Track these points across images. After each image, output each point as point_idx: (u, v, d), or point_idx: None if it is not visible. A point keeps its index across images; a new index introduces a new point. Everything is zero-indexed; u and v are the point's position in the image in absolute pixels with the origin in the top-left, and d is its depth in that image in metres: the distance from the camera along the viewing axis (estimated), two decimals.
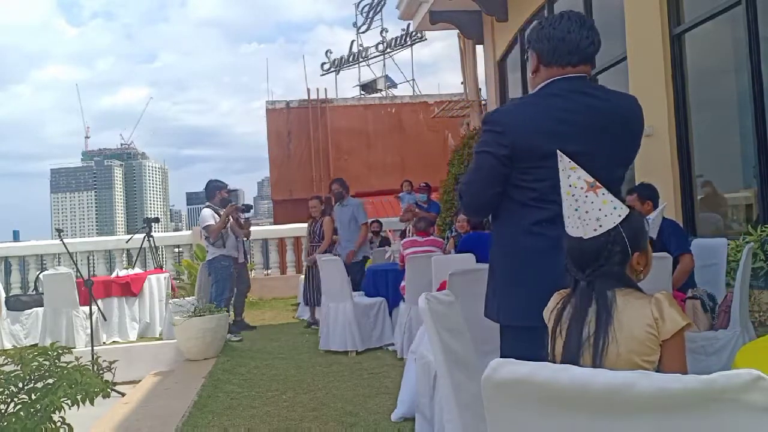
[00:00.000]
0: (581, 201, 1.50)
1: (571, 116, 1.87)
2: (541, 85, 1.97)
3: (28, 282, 10.21)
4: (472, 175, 2.01)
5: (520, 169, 1.89)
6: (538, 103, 1.95)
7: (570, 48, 1.90)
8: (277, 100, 20.85)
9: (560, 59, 1.91)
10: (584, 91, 1.92)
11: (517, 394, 0.99)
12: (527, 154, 1.86)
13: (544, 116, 1.89)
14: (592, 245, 1.46)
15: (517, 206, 1.93)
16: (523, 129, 1.88)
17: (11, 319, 7.38)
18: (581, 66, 1.93)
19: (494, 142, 1.90)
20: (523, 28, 8.30)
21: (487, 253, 2.12)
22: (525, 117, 1.92)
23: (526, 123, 1.89)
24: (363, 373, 5.04)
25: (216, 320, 5.91)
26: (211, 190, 7.26)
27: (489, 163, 1.92)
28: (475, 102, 10.72)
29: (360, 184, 19.34)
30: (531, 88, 2.05)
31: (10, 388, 2.31)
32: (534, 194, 1.89)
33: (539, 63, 1.97)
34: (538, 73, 1.98)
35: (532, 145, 1.85)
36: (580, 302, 1.43)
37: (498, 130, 1.91)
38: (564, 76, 1.92)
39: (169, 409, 4.21)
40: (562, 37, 1.90)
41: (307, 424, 3.80)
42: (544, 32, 1.94)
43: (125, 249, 10.51)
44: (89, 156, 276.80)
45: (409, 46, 22.91)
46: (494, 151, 1.90)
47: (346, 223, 7.36)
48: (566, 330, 1.42)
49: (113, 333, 7.40)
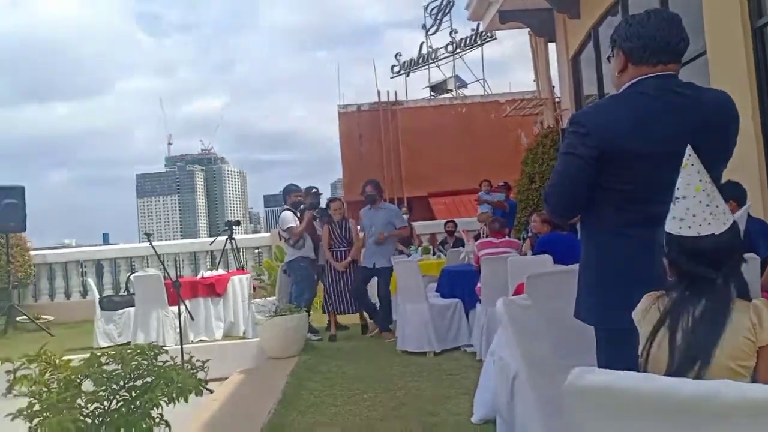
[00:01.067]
0: (714, 195, 1.46)
1: (662, 116, 1.84)
2: (629, 83, 1.93)
3: (120, 283, 10.81)
4: (557, 178, 2.00)
5: (607, 170, 1.86)
6: (626, 102, 1.92)
7: (661, 46, 1.87)
8: (348, 104, 21.14)
9: (651, 57, 1.88)
10: (675, 89, 1.88)
11: (600, 402, 1.00)
12: (615, 155, 1.83)
13: (633, 116, 1.85)
14: (727, 240, 1.43)
15: (606, 208, 1.91)
16: (610, 130, 1.85)
17: (105, 319, 7.76)
18: (671, 64, 1.90)
19: (580, 144, 1.88)
20: (596, 25, 8.10)
21: (565, 254, 2.13)
22: (613, 117, 1.89)
23: (614, 124, 1.86)
24: (442, 374, 5.07)
25: (297, 320, 6.10)
26: (286, 193, 7.53)
27: (575, 165, 1.90)
28: (548, 100, 10.52)
29: (431, 184, 19.37)
30: (616, 87, 2.02)
31: (112, 386, 2.48)
32: (623, 196, 1.86)
33: (627, 61, 1.94)
34: (626, 72, 1.95)
35: (621, 146, 1.82)
36: (705, 303, 1.39)
37: (583, 131, 1.89)
38: (653, 74, 1.89)
39: (256, 407, 4.38)
40: (652, 35, 1.87)
41: (388, 423, 3.87)
42: (632, 30, 1.91)
43: (209, 251, 10.96)
44: (172, 161, 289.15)
45: (479, 46, 22.69)
46: (580, 153, 1.88)
47: (380, 227, 6.95)
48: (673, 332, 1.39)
49: (200, 332, 7.71)
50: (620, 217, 1.88)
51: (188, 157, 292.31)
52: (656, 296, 1.49)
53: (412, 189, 19.70)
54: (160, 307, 7.43)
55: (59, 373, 2.34)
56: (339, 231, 7.17)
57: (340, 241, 7.17)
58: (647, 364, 1.42)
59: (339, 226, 7.19)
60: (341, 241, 7.17)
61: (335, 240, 7.18)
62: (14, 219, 9.39)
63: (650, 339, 1.42)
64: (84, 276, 10.99)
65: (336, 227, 7.20)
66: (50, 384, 2.30)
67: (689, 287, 1.43)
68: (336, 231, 7.18)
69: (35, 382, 2.27)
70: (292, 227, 7.07)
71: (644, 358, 1.43)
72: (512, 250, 5.86)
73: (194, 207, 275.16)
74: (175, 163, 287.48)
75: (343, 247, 7.16)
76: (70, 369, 2.37)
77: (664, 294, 1.49)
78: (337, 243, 7.18)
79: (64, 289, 11.03)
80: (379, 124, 20.20)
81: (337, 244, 7.18)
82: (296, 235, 7.03)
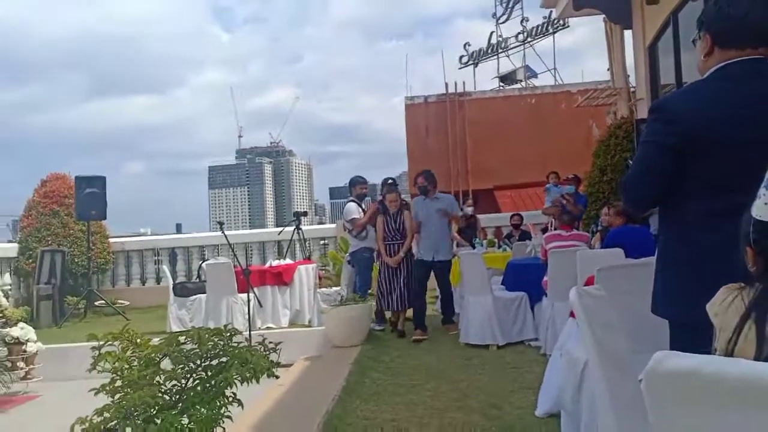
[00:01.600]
0: None
1: (751, 101, 1.76)
2: (715, 68, 1.85)
3: (192, 270, 11.21)
4: (638, 167, 1.93)
5: (691, 158, 1.79)
6: (713, 87, 1.84)
7: (751, 28, 1.79)
8: (415, 96, 21.11)
9: (739, 41, 1.80)
10: (765, 73, 1.80)
11: (683, 388, 0.97)
12: (700, 142, 1.76)
13: (720, 102, 1.78)
14: None
15: (688, 198, 1.84)
16: (696, 116, 1.78)
17: (178, 305, 8.02)
18: (762, 48, 1.80)
19: (663, 132, 1.82)
20: (676, 11, 7.76)
21: (637, 248, 2.07)
22: (698, 103, 1.82)
23: (700, 110, 1.79)
24: (505, 367, 5.02)
25: (360, 309, 6.18)
26: (352, 185, 7.63)
27: (657, 153, 1.84)
28: (622, 89, 10.18)
29: (498, 177, 19.12)
30: (701, 72, 1.93)
31: (189, 365, 2.59)
32: (707, 185, 1.79)
33: (714, 45, 1.86)
34: (712, 56, 1.87)
35: (707, 133, 1.75)
36: None
37: (668, 118, 1.83)
38: (742, 58, 1.81)
39: (320, 393, 4.47)
40: (742, 17, 1.79)
41: (451, 414, 3.87)
42: (722, 12, 1.83)
43: (276, 241, 11.22)
44: (242, 154, 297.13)
45: (551, 35, 22.23)
46: (663, 141, 1.82)
47: (436, 217, 6.72)
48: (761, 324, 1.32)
49: (267, 319, 7.90)
50: (704, 207, 1.80)
51: (258, 150, 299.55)
52: (737, 288, 1.43)
53: (477, 182, 19.52)
54: (230, 294, 7.66)
55: (140, 351, 2.46)
56: (393, 223, 6.89)
57: (394, 234, 6.89)
58: (733, 357, 1.36)
59: (394, 218, 6.90)
60: (395, 234, 6.89)
61: (389, 233, 6.91)
62: (95, 207, 9.86)
63: (737, 331, 1.36)
64: (158, 263, 11.46)
65: (391, 219, 6.92)
66: (131, 361, 2.42)
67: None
68: (390, 223, 6.91)
69: (118, 358, 2.39)
70: (355, 218, 7.16)
71: (730, 351, 1.37)
72: (582, 244, 5.72)
73: (262, 198, 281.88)
74: (245, 155, 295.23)
75: (396, 241, 6.87)
76: (151, 347, 2.48)
77: (745, 286, 1.42)
78: (390, 236, 6.90)
79: (139, 276, 11.54)
80: (445, 115, 20.08)
81: (390, 236, 6.90)
82: (359, 227, 7.11)
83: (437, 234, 6.73)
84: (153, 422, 2.33)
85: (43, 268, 9.81)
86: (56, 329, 8.87)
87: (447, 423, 3.70)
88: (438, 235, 6.72)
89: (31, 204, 10.87)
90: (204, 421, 2.40)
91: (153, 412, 2.36)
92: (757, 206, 1.39)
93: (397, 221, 6.86)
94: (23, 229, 10.75)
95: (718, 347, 1.38)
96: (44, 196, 10.83)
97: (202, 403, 2.51)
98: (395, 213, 6.90)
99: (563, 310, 4.90)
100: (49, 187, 10.93)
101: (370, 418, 3.88)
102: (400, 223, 6.85)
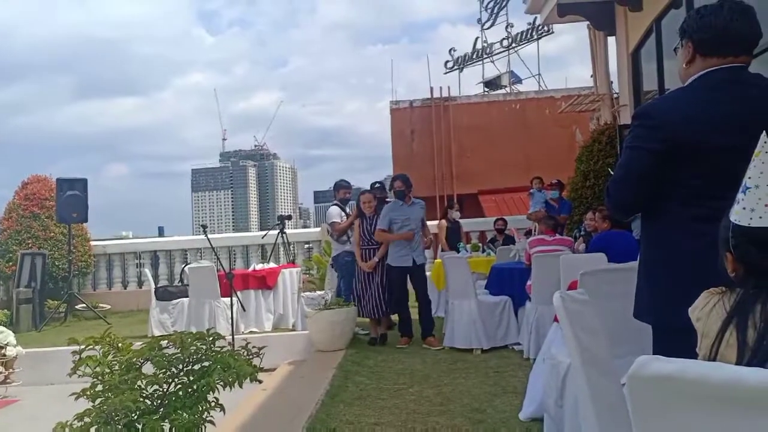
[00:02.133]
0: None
1: (732, 107, 1.79)
2: (697, 75, 1.89)
3: (174, 274, 11.11)
4: (621, 172, 1.95)
5: (674, 164, 1.81)
6: (695, 94, 1.87)
7: (733, 38, 1.83)
8: (400, 100, 21.18)
9: (721, 49, 1.84)
10: (746, 81, 1.84)
11: (665, 392, 0.98)
12: (683, 148, 1.79)
13: (703, 108, 1.81)
14: None
15: (672, 204, 1.86)
16: (679, 122, 1.81)
17: (160, 309, 7.95)
18: (743, 56, 1.85)
19: (647, 137, 1.85)
20: (658, 18, 7.86)
21: (619, 252, 2.09)
22: (682, 110, 1.84)
23: (683, 116, 1.82)
24: (489, 371, 5.04)
25: (345, 313, 6.16)
26: (336, 188, 7.61)
27: (641, 159, 1.87)
28: (606, 95, 10.28)
29: (482, 181, 19.21)
30: (683, 80, 1.97)
31: (171, 369, 2.56)
32: (690, 191, 1.82)
33: (696, 53, 1.89)
34: (693, 64, 1.91)
35: (690, 139, 1.78)
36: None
37: (652, 124, 1.85)
38: (724, 66, 1.84)
39: (303, 397, 4.45)
40: (724, 27, 1.83)
41: (434, 418, 3.87)
42: (704, 21, 1.86)
43: (260, 244, 11.16)
44: (226, 157, 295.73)
45: (535, 41, 22.40)
46: (647, 147, 1.84)
47: (417, 222, 6.54)
48: (742, 329, 1.32)
49: (250, 323, 7.85)
50: (687, 213, 1.82)
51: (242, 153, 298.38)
52: (718, 292, 1.43)
53: (462, 186, 19.60)
54: (213, 298, 7.60)
55: (121, 356, 2.43)
56: (369, 227, 6.60)
57: (370, 238, 6.58)
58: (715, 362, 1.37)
59: (370, 221, 6.63)
60: (372, 239, 6.58)
61: (365, 237, 6.62)
62: (77, 210, 9.75)
63: (719, 337, 1.36)
64: (140, 267, 11.35)
65: (367, 223, 6.64)
66: (112, 366, 2.39)
67: (759, 282, 1.37)
68: (366, 227, 6.63)
69: (99, 363, 2.36)
70: (335, 222, 7.12)
71: (712, 356, 1.38)
72: (565, 248, 5.76)
73: (246, 202, 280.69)
74: (229, 158, 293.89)
75: (373, 245, 6.57)
76: (132, 352, 2.46)
77: (726, 290, 1.42)
78: (365, 240, 6.61)
79: (121, 279, 11.42)
80: (431, 120, 20.15)
81: (365, 241, 6.61)
82: (339, 231, 7.06)
83: (415, 240, 6.48)
84: (134, 427, 2.31)
85: (23, 271, 9.67)
86: (36, 333, 8.75)
87: (431, 427, 3.70)
88: (416, 241, 6.50)
89: (11, 206, 10.72)
90: (186, 426, 2.38)
91: (134, 417, 2.33)
92: (736, 211, 1.39)
93: (374, 225, 6.58)
94: (3, 231, 10.59)
95: (700, 352, 1.39)
96: (24, 199, 10.69)
97: (184, 408, 2.48)
98: (372, 216, 6.66)
99: (547, 314, 4.93)
100: (29, 190, 10.79)
101: (353, 422, 3.87)
102: (376, 226, 6.55)
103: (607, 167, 8.73)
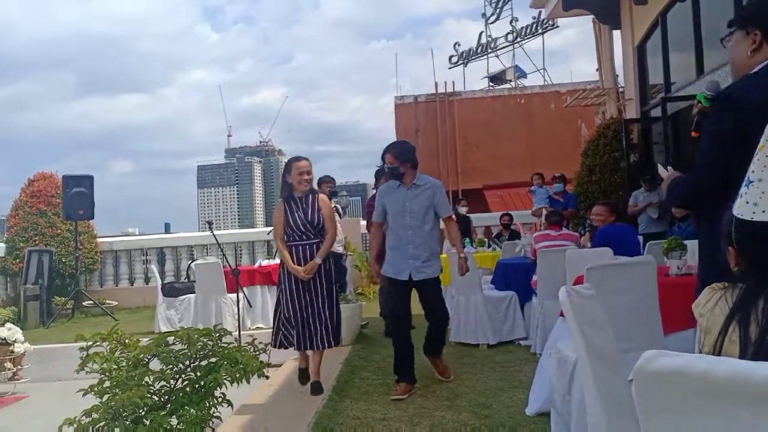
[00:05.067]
0: None
1: None
2: (765, 63, 1.92)
3: (181, 270, 11.15)
4: (707, 158, 1.94)
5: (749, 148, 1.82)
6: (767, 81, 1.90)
7: None
8: (405, 95, 21.12)
9: None
10: None
11: (672, 387, 0.98)
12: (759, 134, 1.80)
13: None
14: None
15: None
16: (758, 107, 1.81)
17: (166, 305, 7.98)
18: None
19: (730, 119, 1.87)
20: (664, 12, 7.82)
21: (624, 247, 2.07)
22: (761, 94, 1.86)
23: (764, 101, 1.83)
24: (495, 366, 5.03)
25: (350, 309, 6.17)
26: (319, 183, 7.41)
27: (728, 142, 1.86)
28: (611, 89, 10.25)
29: (487, 176, 19.18)
30: (746, 68, 1.99)
31: (178, 365, 2.58)
32: None
33: (764, 40, 1.93)
34: (760, 51, 1.94)
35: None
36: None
37: (736, 107, 1.87)
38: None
39: (309, 393, 4.45)
40: None
41: (441, 413, 3.87)
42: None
43: (266, 240, 11.18)
44: (231, 153, 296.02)
45: (540, 35, 22.32)
46: (732, 128, 1.85)
47: (420, 213, 4.37)
48: (745, 325, 1.32)
49: (257, 319, 7.87)
50: None
51: (247, 149, 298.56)
52: (721, 288, 1.42)
53: (467, 181, 19.57)
54: (219, 294, 7.63)
55: (129, 352, 2.44)
56: (302, 213, 4.34)
57: (303, 228, 4.33)
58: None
59: (302, 202, 4.37)
60: (305, 230, 4.33)
61: (294, 227, 4.34)
62: (83, 207, 9.77)
63: (722, 332, 1.35)
64: (147, 263, 11.38)
65: (297, 206, 4.36)
66: (120, 362, 2.40)
67: (762, 277, 1.35)
68: (296, 213, 4.34)
69: (106, 359, 2.38)
70: None
71: (716, 352, 1.37)
72: (571, 243, 5.75)
73: (252, 198, 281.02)
74: (234, 154, 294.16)
75: (307, 240, 4.34)
76: (139, 348, 2.47)
77: (729, 286, 1.41)
78: (296, 233, 4.34)
79: (128, 276, 11.46)
80: (435, 115, 20.11)
81: (297, 234, 4.34)
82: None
83: (419, 239, 4.39)
84: (142, 423, 2.32)
85: (30, 268, 9.72)
86: (44, 330, 8.80)
87: (437, 422, 3.70)
88: (421, 243, 4.39)
89: (18, 203, 10.78)
90: (193, 422, 2.39)
91: (142, 413, 2.35)
92: (739, 205, 1.38)
93: (309, 208, 4.35)
94: (10, 228, 10.65)
95: (704, 348, 1.38)
96: (31, 196, 10.74)
97: (191, 403, 2.50)
98: (303, 197, 4.39)
99: (553, 309, 4.92)
100: (36, 187, 10.84)
101: (360, 417, 3.87)
102: (313, 211, 4.35)
103: (612, 161, 8.68)
